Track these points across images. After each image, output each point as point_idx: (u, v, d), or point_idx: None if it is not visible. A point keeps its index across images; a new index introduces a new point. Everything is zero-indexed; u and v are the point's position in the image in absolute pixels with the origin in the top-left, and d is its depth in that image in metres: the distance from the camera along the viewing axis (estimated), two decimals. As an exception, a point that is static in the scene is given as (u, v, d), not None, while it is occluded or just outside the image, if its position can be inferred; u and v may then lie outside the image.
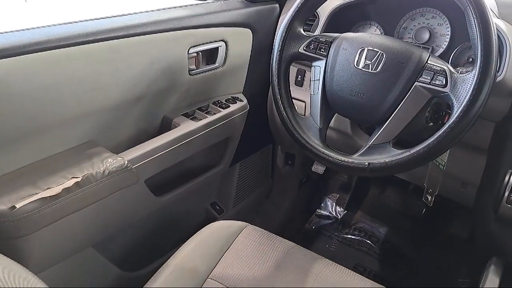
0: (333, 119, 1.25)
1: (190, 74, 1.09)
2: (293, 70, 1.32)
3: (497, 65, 0.75)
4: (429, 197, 1.05)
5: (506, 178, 0.88)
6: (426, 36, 1.07)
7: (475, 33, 0.75)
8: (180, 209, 1.30)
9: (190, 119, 1.11)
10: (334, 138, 1.30)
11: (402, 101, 0.83)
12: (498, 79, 0.91)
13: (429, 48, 1.07)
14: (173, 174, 1.16)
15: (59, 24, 0.84)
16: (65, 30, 0.82)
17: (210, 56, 1.14)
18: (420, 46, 1.06)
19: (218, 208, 1.44)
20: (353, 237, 1.76)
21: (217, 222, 1.03)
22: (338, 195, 1.89)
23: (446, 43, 1.05)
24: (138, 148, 0.98)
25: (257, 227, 1.01)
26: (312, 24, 1.19)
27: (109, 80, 0.92)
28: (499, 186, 0.89)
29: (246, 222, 1.02)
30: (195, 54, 1.08)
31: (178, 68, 1.05)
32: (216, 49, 1.13)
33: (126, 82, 0.95)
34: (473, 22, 0.75)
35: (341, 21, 1.14)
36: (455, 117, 0.75)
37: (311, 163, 1.62)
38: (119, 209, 1.00)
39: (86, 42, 0.84)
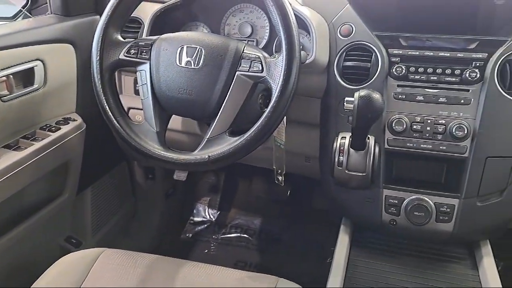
0: (180, 121, 1.27)
1: (2, 101, 0.97)
2: (130, 80, 1.28)
3: (300, 46, 0.82)
4: (280, 178, 1.11)
5: (335, 144, 0.97)
6: (248, 30, 1.12)
7: (276, 20, 0.82)
8: (24, 251, 1.16)
9: (13, 150, 0.99)
10: (186, 141, 1.30)
11: (228, 91, 0.85)
12: (310, 60, 1.00)
13: (253, 41, 1.13)
14: (5, 214, 1.02)
15: None
16: None
17: (26, 78, 1.04)
18: (246, 40, 1.12)
19: (74, 241, 1.32)
20: (230, 235, 1.78)
21: (69, 255, 0.94)
22: (209, 198, 1.90)
23: (267, 34, 1.12)
24: None
25: (116, 250, 0.95)
26: (139, 31, 1.17)
27: None
28: (331, 153, 0.98)
29: (112, 248, 0.96)
30: (5, 78, 0.97)
31: (-14, 96, 0.93)
32: (31, 69, 1.03)
33: None
34: (273, 10, 0.82)
35: (168, 23, 1.14)
36: (274, 97, 0.81)
37: (173, 172, 1.59)
38: None
39: None
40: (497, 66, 0.95)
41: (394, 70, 1.01)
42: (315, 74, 1.07)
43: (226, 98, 0.85)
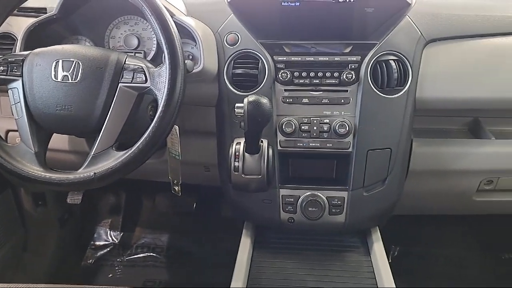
0: (66, 140, 1.19)
1: None
2: (7, 100, 1.16)
3: (183, 55, 0.83)
4: (176, 188, 1.10)
5: (230, 150, 0.98)
6: (135, 42, 1.10)
7: (157, 30, 0.81)
8: None
9: None
10: (75, 161, 1.22)
11: (111, 104, 0.83)
12: (198, 68, 1.00)
13: (141, 53, 1.10)
14: None
15: None
16: None
17: None
18: (133, 53, 1.09)
19: (-49, 284, 1.16)
20: (137, 256, 1.71)
21: None
22: (110, 220, 1.80)
23: (155, 45, 1.10)
24: None
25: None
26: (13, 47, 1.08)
27: None
28: (228, 159, 0.99)
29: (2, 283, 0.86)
30: None
31: None
32: None
33: None
34: (152, 21, 0.81)
35: (46, 38, 1.07)
36: (161, 106, 0.80)
37: (67, 196, 1.48)
38: None
39: None
40: (369, 67, 1.04)
41: (280, 75, 1.06)
42: (206, 83, 1.08)
43: (110, 111, 0.83)
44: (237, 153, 0.98)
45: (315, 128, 1.05)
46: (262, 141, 0.98)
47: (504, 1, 1.21)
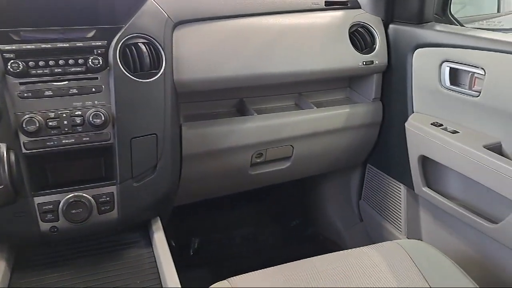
0: None
1: None
2: None
3: None
4: None
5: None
6: None
7: None
8: None
9: None
10: None
11: None
12: None
13: None
14: None
15: None
16: None
17: None
18: None
19: None
20: None
21: None
22: None
23: None
24: None
25: None
26: None
27: None
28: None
29: None
30: None
31: None
32: None
33: None
34: None
35: None
36: None
37: None
38: None
39: None
40: (117, 52, 0.99)
41: (10, 67, 0.91)
42: None
43: None
44: (-38, 165, 0.80)
45: (65, 122, 0.94)
46: (-1, 146, 0.83)
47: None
